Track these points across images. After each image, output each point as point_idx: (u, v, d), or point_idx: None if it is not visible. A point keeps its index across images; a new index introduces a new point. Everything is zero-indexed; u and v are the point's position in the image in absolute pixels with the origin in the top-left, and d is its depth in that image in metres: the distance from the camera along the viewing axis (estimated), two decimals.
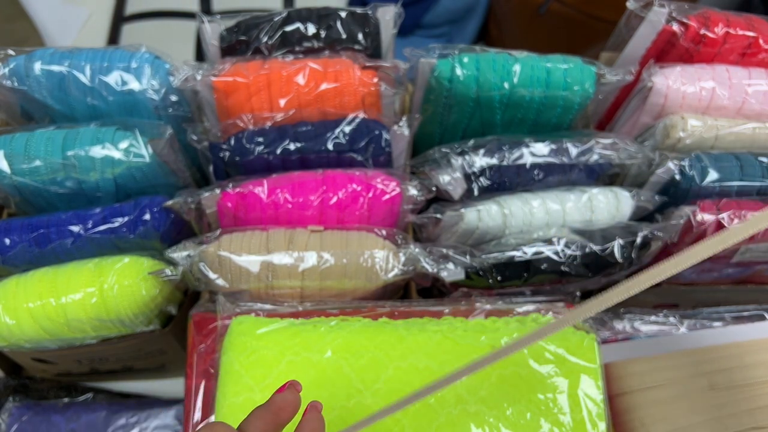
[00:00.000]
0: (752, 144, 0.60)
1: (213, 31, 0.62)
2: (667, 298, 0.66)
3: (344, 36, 0.61)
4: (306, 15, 0.62)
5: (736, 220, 0.55)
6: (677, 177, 0.58)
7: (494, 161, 0.57)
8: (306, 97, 0.58)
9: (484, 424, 0.44)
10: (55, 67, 0.55)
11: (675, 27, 0.60)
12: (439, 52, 0.59)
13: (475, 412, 0.44)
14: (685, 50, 0.61)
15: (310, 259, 0.51)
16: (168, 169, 0.57)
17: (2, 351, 0.61)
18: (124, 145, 0.53)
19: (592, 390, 0.45)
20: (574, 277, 0.55)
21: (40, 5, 0.96)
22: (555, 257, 0.53)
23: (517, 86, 0.57)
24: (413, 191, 0.55)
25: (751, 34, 0.60)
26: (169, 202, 0.54)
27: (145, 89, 0.56)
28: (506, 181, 0.58)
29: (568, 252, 0.54)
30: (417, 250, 0.52)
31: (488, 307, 0.50)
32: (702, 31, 0.59)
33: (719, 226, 0.55)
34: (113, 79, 0.56)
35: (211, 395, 0.47)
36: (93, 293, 0.51)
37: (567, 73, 0.58)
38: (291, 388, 0.34)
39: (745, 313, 0.57)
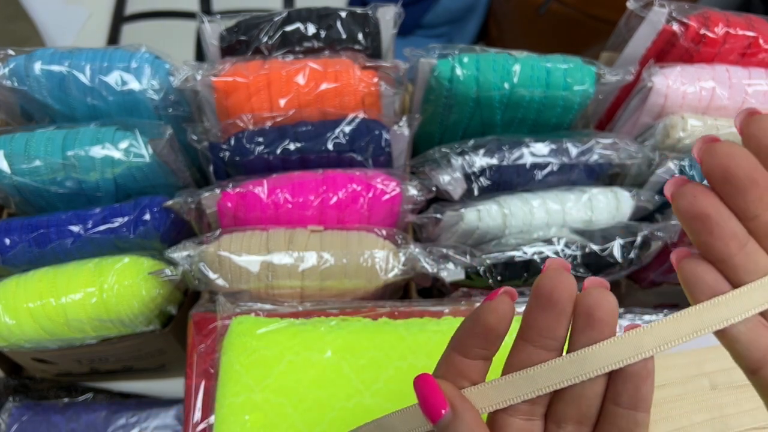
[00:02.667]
0: None
1: (213, 31, 0.62)
2: (667, 298, 0.66)
3: (344, 36, 0.61)
4: (306, 15, 0.62)
5: None
6: None
7: (494, 161, 0.57)
8: (306, 97, 0.58)
9: None
10: (55, 67, 0.55)
11: (675, 27, 0.60)
12: (439, 52, 0.59)
13: None
14: (685, 50, 0.61)
15: (310, 259, 0.51)
16: (168, 169, 0.57)
17: (2, 351, 0.61)
18: (124, 145, 0.53)
19: None
20: (574, 277, 0.55)
21: (40, 5, 0.96)
22: (555, 257, 0.53)
23: (517, 86, 0.57)
24: (413, 191, 0.55)
25: (751, 34, 0.60)
26: (169, 202, 0.54)
27: (145, 89, 0.56)
28: (506, 181, 0.58)
29: (568, 252, 0.54)
30: (417, 250, 0.52)
31: None
32: (702, 31, 0.59)
33: None
34: (113, 79, 0.55)
35: (211, 395, 0.47)
36: (93, 293, 0.51)
37: (567, 73, 0.58)
38: (505, 295, 0.28)
39: None
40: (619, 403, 0.26)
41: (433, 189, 0.56)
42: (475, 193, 0.58)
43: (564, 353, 0.27)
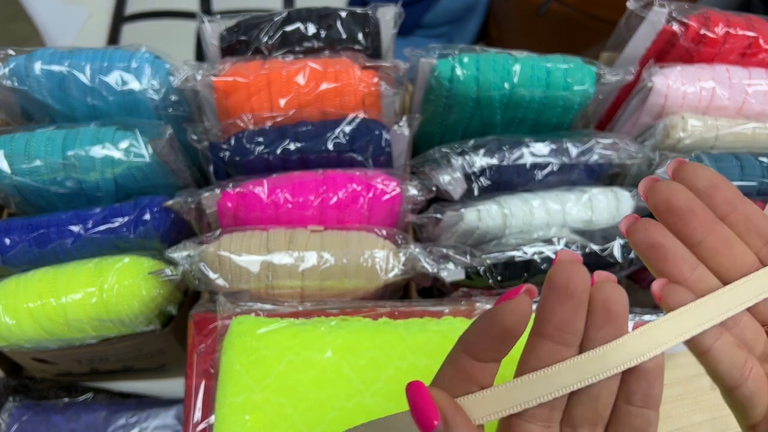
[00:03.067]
0: (752, 144, 0.60)
1: (213, 31, 0.62)
2: None
3: (344, 36, 0.61)
4: (306, 15, 0.62)
5: None
6: None
7: (494, 161, 0.57)
8: (306, 97, 0.58)
9: None
10: (55, 67, 0.55)
11: (675, 27, 0.60)
12: (439, 52, 0.59)
13: None
14: (685, 50, 0.61)
15: (310, 259, 0.51)
16: (168, 169, 0.57)
17: (2, 351, 0.61)
18: (124, 145, 0.53)
19: None
20: None
21: (40, 5, 0.96)
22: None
23: (517, 86, 0.57)
24: (413, 191, 0.55)
25: (751, 34, 0.60)
26: (169, 202, 0.54)
27: (145, 89, 0.56)
28: (506, 181, 0.58)
29: None
30: (417, 250, 0.52)
31: (488, 307, 0.50)
32: (702, 31, 0.59)
33: None
34: (113, 79, 0.55)
35: (211, 395, 0.47)
36: (93, 293, 0.51)
37: (567, 73, 0.58)
38: (525, 294, 0.26)
39: None
40: (632, 401, 0.26)
41: (433, 189, 0.56)
42: (475, 193, 0.58)
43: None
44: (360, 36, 0.62)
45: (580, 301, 0.26)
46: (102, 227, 0.53)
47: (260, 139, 0.56)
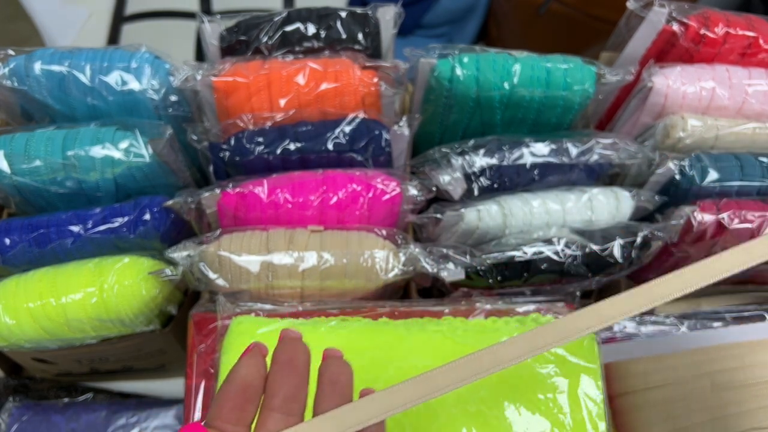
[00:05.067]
0: (752, 144, 0.60)
1: (213, 31, 0.62)
2: None
3: (344, 36, 0.61)
4: (306, 15, 0.62)
5: (736, 220, 0.55)
6: (677, 177, 0.58)
7: (494, 161, 0.57)
8: (306, 97, 0.58)
9: (484, 424, 0.44)
10: (55, 67, 0.55)
11: (675, 27, 0.60)
12: (439, 52, 0.59)
13: (475, 412, 0.44)
14: (685, 50, 0.61)
15: (310, 259, 0.51)
16: (168, 169, 0.57)
17: (2, 351, 0.61)
18: (124, 145, 0.53)
19: (592, 390, 0.45)
20: (574, 277, 0.55)
21: (40, 5, 0.96)
22: (555, 257, 0.53)
23: (517, 86, 0.57)
24: (413, 191, 0.55)
25: (751, 34, 0.60)
26: (169, 202, 0.54)
27: (145, 89, 0.56)
28: (506, 181, 0.58)
29: (568, 252, 0.54)
30: (417, 250, 0.52)
31: (488, 307, 0.50)
32: (702, 31, 0.59)
33: (719, 226, 0.55)
34: (113, 79, 0.55)
35: (211, 395, 0.47)
36: (93, 293, 0.51)
37: (567, 73, 0.58)
38: (254, 352, 0.30)
39: (746, 313, 0.57)
40: None
41: (433, 189, 0.56)
42: (475, 193, 0.58)
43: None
44: (360, 36, 0.62)
45: (302, 374, 0.30)
46: (102, 227, 0.53)
47: (260, 139, 0.56)
